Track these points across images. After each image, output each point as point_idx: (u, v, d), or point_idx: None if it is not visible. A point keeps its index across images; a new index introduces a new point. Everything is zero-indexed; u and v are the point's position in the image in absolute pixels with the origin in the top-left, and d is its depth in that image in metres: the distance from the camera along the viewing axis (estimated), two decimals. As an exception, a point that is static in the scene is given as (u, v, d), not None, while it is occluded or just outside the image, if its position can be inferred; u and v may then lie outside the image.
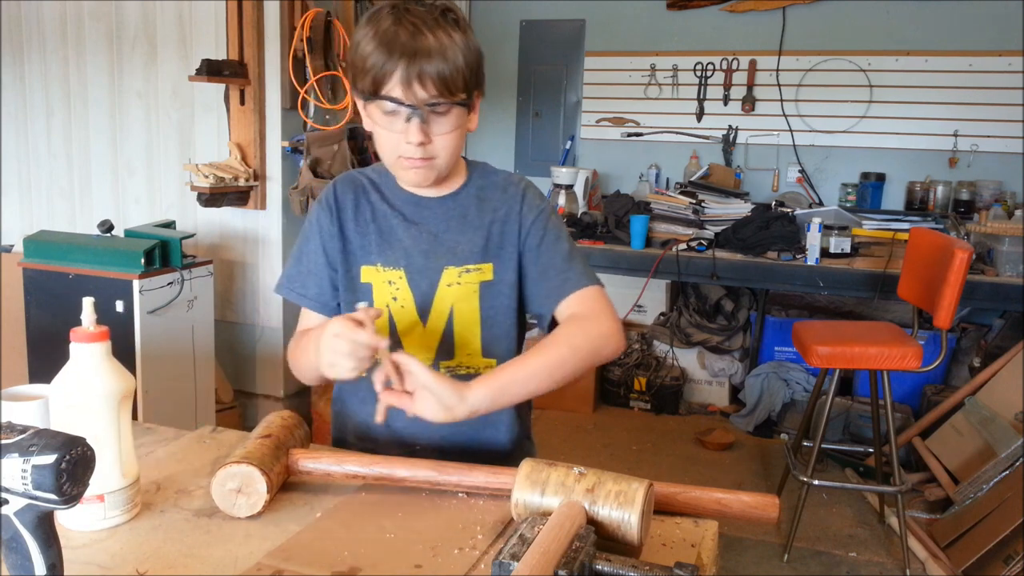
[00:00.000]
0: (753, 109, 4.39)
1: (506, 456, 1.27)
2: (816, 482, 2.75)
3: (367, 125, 1.16)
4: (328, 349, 1.04)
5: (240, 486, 1.01)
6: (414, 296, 1.21)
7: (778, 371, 3.91)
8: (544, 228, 1.22)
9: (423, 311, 1.21)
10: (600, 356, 1.16)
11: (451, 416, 1.04)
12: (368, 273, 1.22)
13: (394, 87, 1.06)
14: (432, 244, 1.21)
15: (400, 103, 1.07)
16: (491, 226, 1.22)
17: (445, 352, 1.23)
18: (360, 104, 1.15)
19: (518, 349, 1.29)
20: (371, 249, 1.22)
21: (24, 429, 0.75)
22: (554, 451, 3.49)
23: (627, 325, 4.35)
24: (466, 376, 1.16)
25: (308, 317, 1.28)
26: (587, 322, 1.15)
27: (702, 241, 3.55)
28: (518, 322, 1.27)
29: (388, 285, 1.21)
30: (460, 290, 1.21)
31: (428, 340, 1.22)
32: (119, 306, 2.61)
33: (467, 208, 1.23)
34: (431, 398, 1.03)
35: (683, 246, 3.53)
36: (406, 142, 1.10)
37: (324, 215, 1.25)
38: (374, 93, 1.08)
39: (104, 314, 2.51)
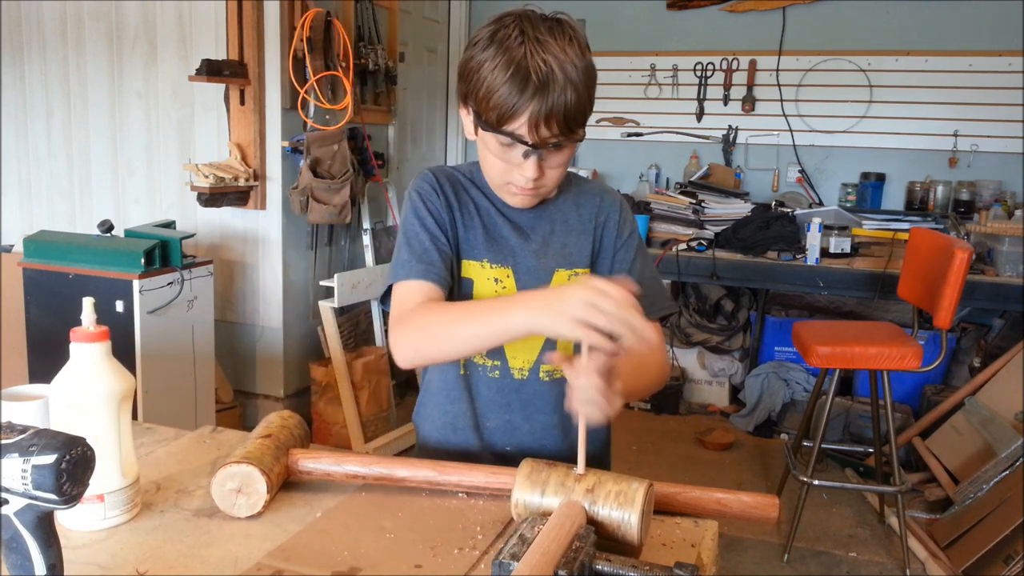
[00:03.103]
0: (753, 109, 4.39)
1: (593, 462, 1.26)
2: (816, 482, 2.75)
3: (470, 134, 1.15)
4: (591, 306, 0.88)
5: (240, 486, 1.01)
6: None
7: (778, 371, 3.91)
8: (637, 247, 1.26)
9: None
10: (659, 384, 1.21)
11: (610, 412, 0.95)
12: (470, 268, 1.20)
13: (520, 126, 1.05)
14: (542, 246, 1.21)
15: (523, 142, 1.06)
16: (595, 231, 1.24)
17: (547, 352, 1.21)
18: (468, 118, 1.13)
19: None
20: (476, 244, 1.20)
21: (24, 429, 0.75)
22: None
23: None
24: (560, 380, 1.19)
25: (423, 293, 1.13)
26: (664, 352, 1.21)
27: (702, 241, 3.55)
28: None
29: (493, 283, 1.20)
30: None
31: (532, 341, 1.20)
32: (119, 306, 2.61)
33: (568, 213, 1.24)
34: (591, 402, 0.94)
35: (683, 246, 3.53)
36: (522, 175, 1.11)
37: (433, 197, 1.20)
38: (496, 126, 1.06)
39: (104, 314, 2.51)
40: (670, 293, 1.22)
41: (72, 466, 0.73)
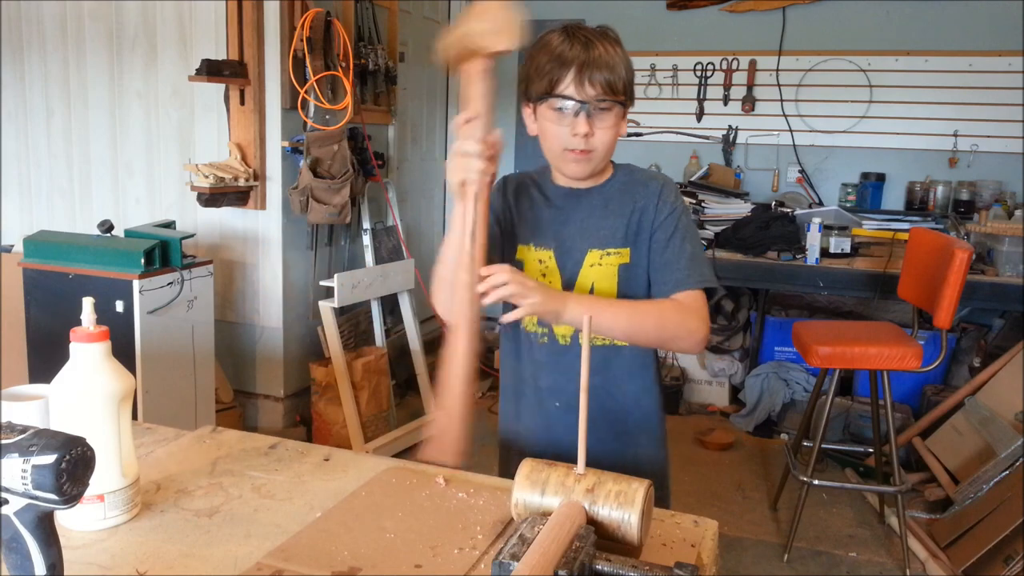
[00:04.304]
0: (753, 109, 4.39)
1: (651, 467, 1.39)
2: (816, 482, 2.75)
3: (532, 130, 1.33)
4: (456, 161, 1.14)
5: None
6: (561, 273, 1.36)
7: (778, 371, 3.91)
8: (674, 227, 1.34)
9: (568, 287, 1.36)
10: (676, 342, 1.33)
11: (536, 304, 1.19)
12: (522, 252, 1.39)
13: (567, 86, 1.25)
14: (579, 229, 1.37)
15: (572, 99, 1.24)
16: (631, 215, 1.35)
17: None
18: (529, 110, 1.33)
19: None
20: (527, 232, 1.39)
21: (24, 429, 0.75)
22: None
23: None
24: (601, 346, 1.35)
25: None
26: (683, 311, 1.29)
27: (702, 241, 3.56)
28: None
29: (539, 263, 1.37)
30: (601, 270, 1.35)
31: None
32: (119, 306, 2.61)
33: (610, 198, 1.37)
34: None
35: (683, 246, 3.53)
36: (572, 134, 1.26)
37: (498, 198, 1.40)
38: (548, 92, 1.26)
39: (104, 314, 2.51)
40: (712, 273, 1.39)
41: (72, 466, 0.73)
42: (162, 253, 2.70)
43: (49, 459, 0.72)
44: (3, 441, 0.73)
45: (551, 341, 1.38)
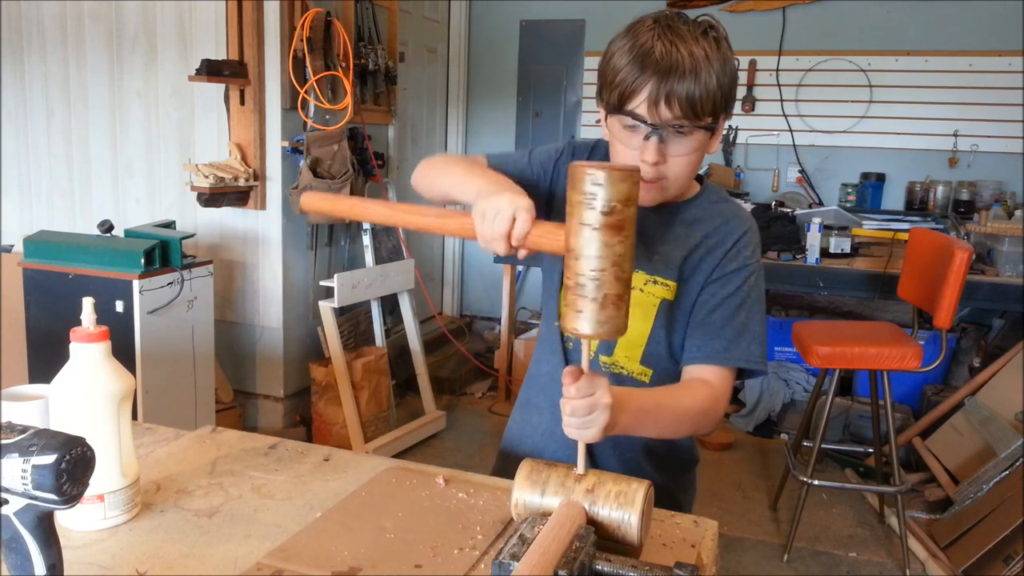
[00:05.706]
0: (753, 109, 4.39)
1: (688, 459, 1.32)
2: (816, 482, 2.75)
3: (605, 136, 1.15)
4: (505, 221, 0.93)
5: None
6: None
7: (778, 371, 3.91)
8: (737, 286, 1.15)
9: None
10: (696, 432, 1.18)
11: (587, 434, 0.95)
12: None
13: (640, 104, 1.04)
14: (636, 246, 1.17)
15: (643, 121, 1.04)
16: (695, 249, 1.16)
17: (607, 347, 1.21)
18: (602, 114, 1.13)
19: (678, 370, 1.24)
20: None
21: (24, 429, 0.75)
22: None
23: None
24: (618, 374, 1.20)
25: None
26: (715, 402, 1.12)
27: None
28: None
29: None
30: (640, 297, 1.17)
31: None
32: (119, 306, 2.61)
33: (679, 222, 1.18)
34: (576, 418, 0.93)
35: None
36: (641, 159, 1.06)
37: (568, 155, 1.23)
38: (618, 107, 1.06)
39: (104, 314, 2.51)
40: (762, 352, 1.19)
41: (72, 466, 0.73)
42: (162, 253, 2.70)
43: (49, 459, 0.72)
44: (3, 441, 0.73)
45: (576, 360, 1.22)
